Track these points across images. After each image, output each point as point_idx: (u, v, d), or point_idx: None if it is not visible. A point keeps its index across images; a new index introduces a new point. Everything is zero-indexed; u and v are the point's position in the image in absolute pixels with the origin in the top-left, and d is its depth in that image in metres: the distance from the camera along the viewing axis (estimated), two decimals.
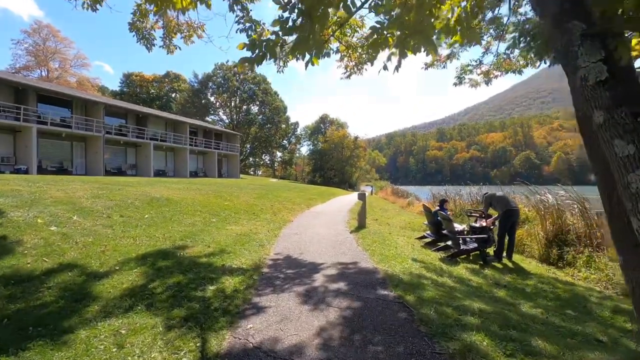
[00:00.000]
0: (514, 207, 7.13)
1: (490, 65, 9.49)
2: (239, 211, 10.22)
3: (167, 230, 6.64)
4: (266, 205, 12.47)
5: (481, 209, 8.28)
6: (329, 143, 55.40)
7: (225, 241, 6.33)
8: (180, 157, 33.21)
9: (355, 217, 11.49)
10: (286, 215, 11.02)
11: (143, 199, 9.06)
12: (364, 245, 6.80)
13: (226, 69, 57.97)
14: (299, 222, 10.06)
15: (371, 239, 7.53)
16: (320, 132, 63.17)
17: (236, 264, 4.96)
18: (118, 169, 27.44)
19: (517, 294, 4.74)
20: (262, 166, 79.71)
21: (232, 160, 42.03)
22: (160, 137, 30.35)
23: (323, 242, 7.00)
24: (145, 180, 16.75)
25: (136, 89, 66.53)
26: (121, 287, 3.67)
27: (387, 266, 5.20)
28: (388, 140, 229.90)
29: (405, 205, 21.92)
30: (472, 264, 6.55)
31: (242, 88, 57.52)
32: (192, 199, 10.67)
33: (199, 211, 9.10)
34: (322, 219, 10.83)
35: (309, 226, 9.24)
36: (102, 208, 7.23)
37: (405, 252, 6.59)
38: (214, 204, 10.51)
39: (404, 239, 8.22)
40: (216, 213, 9.28)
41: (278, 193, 17.60)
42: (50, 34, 37.91)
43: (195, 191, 12.77)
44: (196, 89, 57.92)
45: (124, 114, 28.93)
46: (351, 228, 9.10)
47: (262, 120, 60.02)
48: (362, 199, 9.08)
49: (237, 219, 9.00)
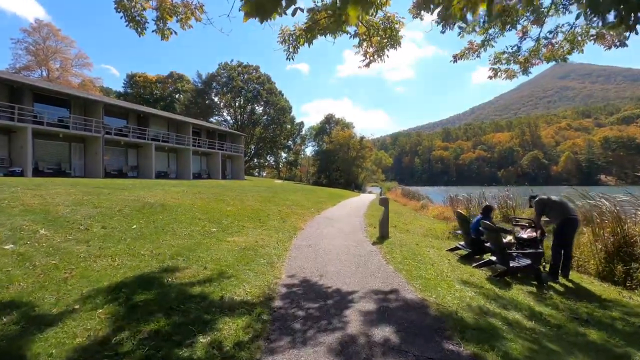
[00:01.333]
0: (574, 215, 5.90)
1: (529, 52, 8.26)
2: (243, 218, 9.08)
3: (157, 244, 5.50)
4: (273, 210, 11.32)
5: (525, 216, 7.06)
6: (334, 143, 54.26)
7: (226, 259, 5.17)
8: (183, 158, 32.23)
9: (373, 224, 10.30)
10: (296, 222, 9.85)
11: (134, 205, 7.95)
12: (394, 262, 5.61)
13: (230, 69, 57.08)
14: (311, 230, 8.89)
15: (400, 253, 6.33)
16: (326, 132, 62.01)
17: (239, 294, 3.79)
18: (118, 171, 26.49)
19: (613, 335, 3.54)
20: (266, 167, 78.79)
21: (236, 161, 41.01)
22: (162, 138, 29.39)
23: (344, 258, 5.82)
24: (144, 182, 15.69)
25: (140, 90, 65.99)
26: (71, 344, 2.52)
27: (434, 295, 4.01)
28: (393, 140, 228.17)
29: (418, 208, 20.66)
30: (525, 285, 5.34)
31: (246, 88, 56.57)
32: (190, 204, 9.55)
33: (198, 219, 7.97)
34: (337, 226, 9.64)
35: (324, 235, 8.07)
36: (81, 217, 6.11)
37: (444, 270, 5.40)
38: (215, 210, 9.38)
39: (434, 252, 7.01)
40: (217, 221, 8.14)
41: (285, 196, 16.46)
42: (50, 33, 37.16)
43: (196, 195, 11.65)
44: (200, 89, 57.06)
45: (124, 114, 27.99)
46: (372, 238, 7.92)
47: (266, 120, 59.03)
48: (384, 204, 7.88)
49: (240, 228, 7.85)
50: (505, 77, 8.70)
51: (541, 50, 8.02)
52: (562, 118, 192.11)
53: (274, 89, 59.33)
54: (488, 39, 8.10)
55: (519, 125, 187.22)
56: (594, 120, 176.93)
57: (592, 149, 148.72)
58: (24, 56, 37.30)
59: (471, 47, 8.20)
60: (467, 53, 8.37)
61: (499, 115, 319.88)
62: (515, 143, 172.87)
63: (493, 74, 8.69)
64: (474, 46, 8.26)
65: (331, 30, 5.70)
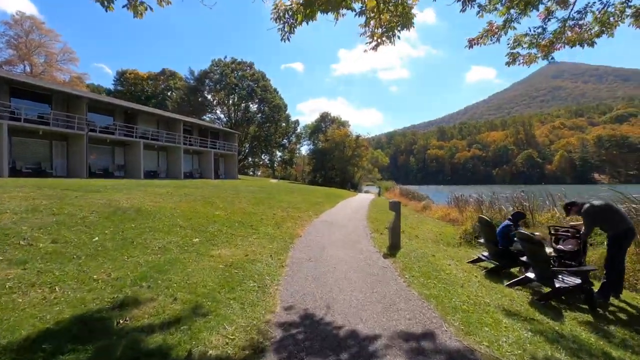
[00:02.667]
0: (631, 225, 4.89)
1: (552, 35, 7.24)
2: (232, 224, 7.95)
3: (119, 263, 4.37)
4: (267, 213, 10.21)
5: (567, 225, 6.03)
6: (330, 142, 53.25)
7: (205, 283, 4.06)
8: (174, 157, 30.93)
9: (378, 229, 9.24)
10: (292, 228, 8.76)
11: (103, 211, 6.79)
12: (417, 284, 4.53)
13: (224, 66, 55.65)
14: (310, 237, 7.80)
15: (418, 269, 5.27)
16: (321, 131, 60.97)
17: (216, 344, 2.70)
18: (104, 170, 25.14)
19: None
20: (261, 166, 77.46)
21: (229, 160, 39.76)
22: (152, 136, 28.05)
23: (354, 277, 4.74)
24: (128, 182, 14.48)
25: (130, 87, 64.29)
26: None
27: (485, 341, 2.95)
28: (388, 139, 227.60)
29: (420, 209, 19.67)
30: (574, 310, 4.31)
31: (240, 85, 55.15)
32: (173, 208, 8.40)
33: (179, 226, 6.84)
34: (339, 233, 8.56)
35: (325, 244, 6.98)
36: (28, 229, 4.96)
37: (479, 294, 4.34)
38: (201, 215, 8.24)
39: (455, 265, 5.96)
40: (202, 228, 7.01)
41: (280, 197, 15.35)
42: (33, 26, 35.38)
43: (181, 197, 10.49)
44: (192, 87, 55.50)
45: (111, 111, 26.60)
46: (381, 248, 6.86)
47: (261, 118, 57.69)
48: (394, 210, 6.80)
49: (229, 237, 6.73)
50: (523, 63, 7.70)
51: (566, 32, 7.02)
52: (555, 117, 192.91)
53: (269, 86, 58.03)
54: (510, 19, 7.07)
55: (513, 124, 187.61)
56: (588, 119, 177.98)
57: (586, 147, 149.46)
58: (5, 50, 35.57)
59: (490, 30, 7.13)
60: (485, 36, 7.28)
61: (492, 114, 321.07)
62: (510, 142, 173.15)
63: (511, 59, 7.64)
64: (493, 28, 7.19)
65: (334, 5, 4.66)
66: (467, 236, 10.38)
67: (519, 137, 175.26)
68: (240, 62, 57.36)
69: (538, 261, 4.82)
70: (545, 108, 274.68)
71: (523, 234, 5.04)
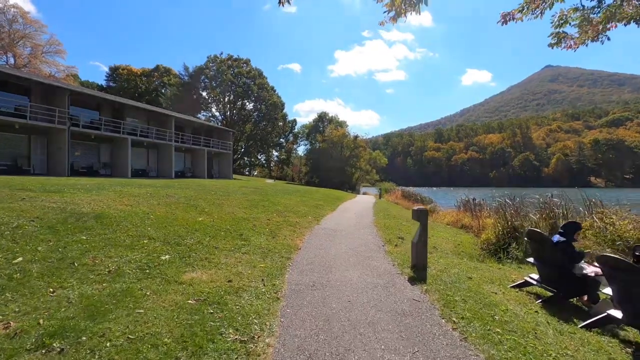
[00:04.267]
0: None
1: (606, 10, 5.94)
2: (218, 233, 6.52)
3: (35, 302, 2.94)
4: (260, 219, 8.78)
5: None
6: (327, 142, 51.97)
7: (158, 338, 2.63)
8: (164, 155, 29.38)
9: (390, 240, 7.85)
10: (290, 237, 7.34)
11: (50, 218, 5.33)
12: (474, 336, 3.09)
13: (220, 62, 54.08)
14: (312, 251, 6.38)
15: (463, 304, 3.86)
16: (319, 131, 59.52)
17: None
18: (89, 168, 23.56)
19: None
20: (257, 166, 75.88)
21: (224, 159, 38.21)
22: (140, 132, 26.49)
23: (380, 325, 3.30)
24: (106, 182, 12.99)
25: (123, 84, 62.53)
26: None
27: None
28: (385, 140, 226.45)
29: None
30: None
31: (236, 82, 53.59)
32: (146, 213, 6.95)
33: (147, 238, 5.40)
34: (346, 244, 7.15)
35: (331, 262, 5.57)
36: None
37: (560, 346, 2.98)
38: (179, 222, 6.80)
39: (503, 293, 4.58)
40: (177, 240, 5.57)
41: (276, 198, 13.92)
42: (17, 15, 33.62)
43: (161, 199, 9.03)
44: (187, 83, 53.80)
45: (96, 105, 25.01)
46: (400, 265, 5.45)
47: (257, 117, 56.15)
48: (420, 219, 5.35)
49: (210, 252, 5.30)
50: (570, 46, 6.37)
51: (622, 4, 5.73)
52: (552, 120, 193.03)
53: (266, 84, 56.53)
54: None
55: (510, 127, 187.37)
56: (584, 123, 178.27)
57: (583, 151, 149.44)
58: None
59: (533, 1, 5.78)
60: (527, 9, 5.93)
61: (488, 117, 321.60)
62: (507, 144, 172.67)
63: (556, 40, 6.31)
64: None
65: None
66: (490, 247, 9.04)
67: (515, 139, 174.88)
68: (237, 59, 55.82)
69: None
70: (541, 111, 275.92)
71: (609, 257, 3.67)
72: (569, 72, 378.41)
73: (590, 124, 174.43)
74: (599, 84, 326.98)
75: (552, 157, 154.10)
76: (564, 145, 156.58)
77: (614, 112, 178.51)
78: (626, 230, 7.29)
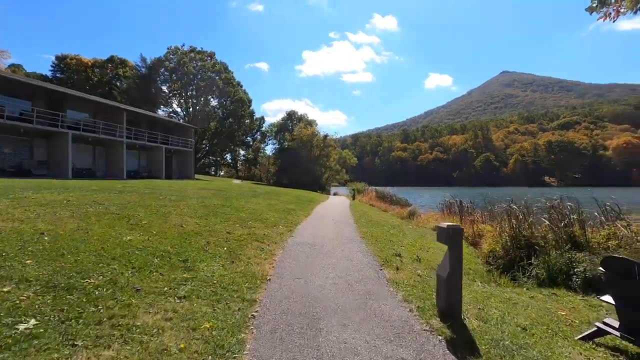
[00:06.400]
0: None
1: None
2: (148, 261, 4.48)
3: None
4: (218, 232, 6.77)
5: None
6: (297, 141, 50.18)
7: None
8: (115, 152, 26.12)
9: (386, 259, 6.13)
10: (256, 260, 5.43)
11: None
12: None
13: (181, 54, 50.33)
14: (286, 286, 4.48)
15: None
16: (288, 129, 57.50)
17: None
18: (17, 167, 20.04)
19: None
20: (224, 166, 72.35)
21: (185, 158, 35.16)
22: (85, 126, 23.12)
23: None
24: (21, 183, 10.31)
25: (72, 75, 56.74)
26: None
27: None
28: (354, 140, 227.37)
29: (406, 217, 16.99)
30: None
31: (199, 76, 50.14)
32: (38, 232, 4.75)
33: (18, 279, 3.31)
34: (331, 269, 5.35)
35: (317, 308, 3.75)
36: None
37: None
38: (92, 244, 4.68)
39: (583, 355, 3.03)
40: (72, 281, 3.50)
41: (241, 202, 11.88)
42: None
43: (80, 209, 6.75)
44: (144, 75, 49.46)
45: (29, 94, 21.43)
46: (420, 308, 3.74)
47: (222, 113, 52.95)
48: (451, 242, 3.50)
49: (123, 301, 3.30)
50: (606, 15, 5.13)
51: None
52: (509, 123, 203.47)
53: (232, 79, 53.52)
54: None
55: (472, 129, 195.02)
56: (539, 125, 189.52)
57: (538, 152, 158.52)
58: None
59: None
60: None
61: (451, 119, 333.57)
62: (469, 145, 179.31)
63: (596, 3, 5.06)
64: None
65: None
66: (498, 261, 7.65)
67: (477, 140, 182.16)
68: (200, 52, 52.35)
69: None
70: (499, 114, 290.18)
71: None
72: (523, 78, 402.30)
73: (544, 127, 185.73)
74: (550, 89, 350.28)
75: (511, 157, 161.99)
76: (521, 146, 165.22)
77: (564, 116, 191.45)
78: None
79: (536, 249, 6.81)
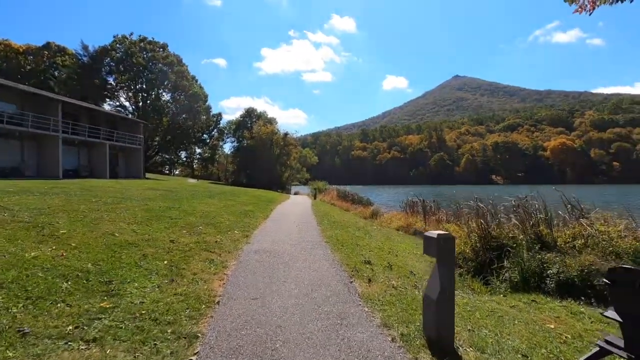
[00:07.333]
0: None
1: None
2: (53, 287, 3.41)
3: None
4: (159, 241, 5.72)
5: None
6: (256, 139, 48.73)
7: None
8: (48, 148, 23.21)
9: (356, 267, 5.47)
10: (203, 276, 4.50)
11: None
12: None
13: (130, 43, 46.51)
14: (238, 311, 3.65)
15: None
16: (247, 127, 55.66)
17: None
18: None
19: None
20: (178, 164, 68.49)
21: (133, 155, 32.39)
22: (10, 119, 20.20)
23: None
24: None
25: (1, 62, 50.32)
26: None
27: None
28: (314, 139, 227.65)
29: (369, 216, 16.67)
30: None
31: (150, 68, 46.68)
32: None
33: None
34: (294, 284, 4.59)
35: (277, 343, 2.98)
36: None
37: None
38: None
39: None
40: None
41: (192, 204, 10.70)
42: None
43: None
44: (86, 65, 45.04)
45: None
46: (403, 336, 3.06)
47: (176, 108, 49.78)
48: (442, 256, 2.77)
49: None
50: (581, 7, 4.78)
51: None
52: (461, 124, 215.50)
53: (186, 72, 50.52)
54: None
55: (427, 129, 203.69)
56: (486, 127, 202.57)
57: (486, 152, 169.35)
58: None
59: None
60: None
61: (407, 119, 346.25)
62: (425, 145, 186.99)
63: None
64: None
65: None
66: (469, 263, 7.33)
67: (432, 141, 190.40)
68: (151, 42, 48.71)
69: None
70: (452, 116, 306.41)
71: None
72: (472, 82, 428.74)
73: (491, 128, 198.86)
74: (496, 94, 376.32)
75: (462, 157, 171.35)
76: (472, 147, 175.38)
77: (509, 118, 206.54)
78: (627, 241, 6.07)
79: (508, 250, 6.53)
